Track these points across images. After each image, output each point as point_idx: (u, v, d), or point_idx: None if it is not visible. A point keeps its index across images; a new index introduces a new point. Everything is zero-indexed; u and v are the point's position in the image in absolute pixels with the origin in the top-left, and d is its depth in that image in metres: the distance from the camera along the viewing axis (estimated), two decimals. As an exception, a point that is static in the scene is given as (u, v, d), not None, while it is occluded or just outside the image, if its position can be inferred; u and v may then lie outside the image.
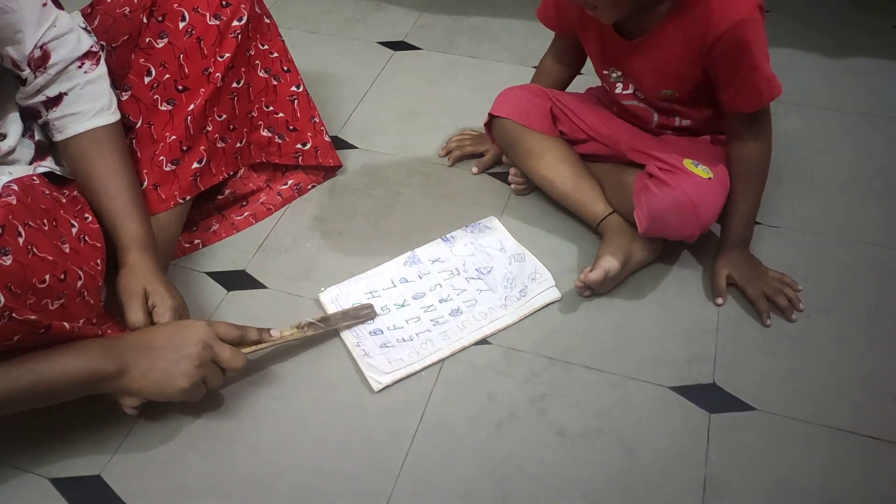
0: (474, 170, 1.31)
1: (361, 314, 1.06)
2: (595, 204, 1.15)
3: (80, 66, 0.98)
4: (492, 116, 1.22)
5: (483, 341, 1.05)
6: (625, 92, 1.13)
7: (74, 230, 0.92)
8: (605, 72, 1.13)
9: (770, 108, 1.04)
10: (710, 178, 1.04)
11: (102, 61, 1.00)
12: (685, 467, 0.91)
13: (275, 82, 1.20)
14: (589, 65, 1.19)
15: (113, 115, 1.00)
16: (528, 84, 1.25)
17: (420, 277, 1.13)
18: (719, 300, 1.09)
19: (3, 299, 0.74)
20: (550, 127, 1.20)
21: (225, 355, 0.91)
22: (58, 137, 0.99)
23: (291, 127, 1.23)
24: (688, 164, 1.05)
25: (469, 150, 1.34)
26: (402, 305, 1.09)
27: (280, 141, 1.23)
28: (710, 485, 0.89)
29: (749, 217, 1.09)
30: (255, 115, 1.19)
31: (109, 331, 0.92)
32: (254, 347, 0.97)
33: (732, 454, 0.92)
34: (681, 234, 1.07)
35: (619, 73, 1.11)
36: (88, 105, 0.98)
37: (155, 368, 0.87)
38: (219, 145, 1.14)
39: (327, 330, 1.03)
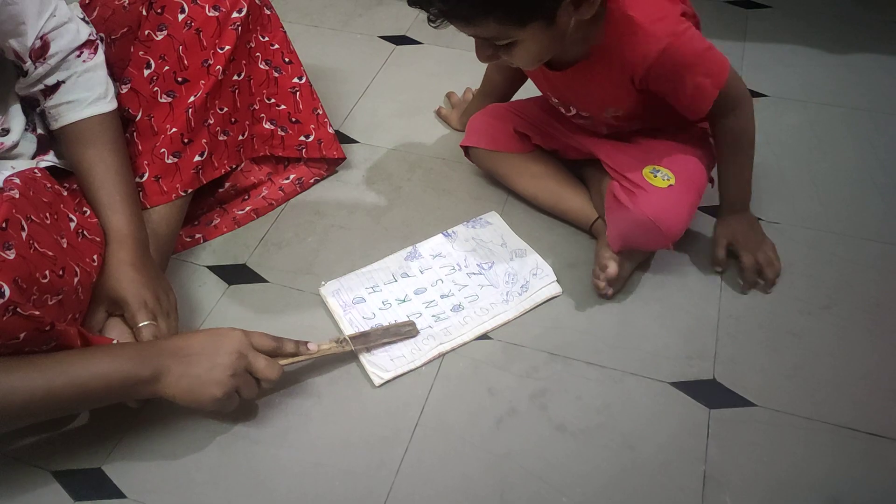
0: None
1: (403, 331, 1.03)
2: (582, 210, 1.15)
3: (78, 55, 0.97)
4: (464, 148, 1.24)
5: (483, 336, 1.05)
6: (569, 114, 1.12)
7: (73, 224, 0.91)
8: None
9: (736, 79, 0.99)
10: (670, 186, 1.02)
11: (100, 50, 1.00)
12: (685, 463, 0.91)
13: (276, 74, 1.19)
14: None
15: (108, 105, 0.99)
16: (490, 106, 1.24)
17: (421, 272, 1.13)
18: (718, 269, 1.10)
19: (9, 292, 0.74)
20: (520, 145, 1.19)
21: (260, 365, 0.88)
22: (54, 126, 0.98)
23: (294, 119, 1.23)
24: (647, 174, 1.03)
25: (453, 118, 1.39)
26: (404, 301, 1.09)
27: (283, 133, 1.22)
28: (709, 480, 0.89)
29: (743, 180, 1.08)
30: (256, 107, 1.19)
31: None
32: (290, 360, 0.94)
33: (732, 450, 0.92)
34: (654, 247, 1.08)
35: (557, 101, 1.11)
36: (85, 94, 0.97)
37: (188, 375, 0.85)
38: (220, 138, 1.13)
39: (367, 346, 1.01)
